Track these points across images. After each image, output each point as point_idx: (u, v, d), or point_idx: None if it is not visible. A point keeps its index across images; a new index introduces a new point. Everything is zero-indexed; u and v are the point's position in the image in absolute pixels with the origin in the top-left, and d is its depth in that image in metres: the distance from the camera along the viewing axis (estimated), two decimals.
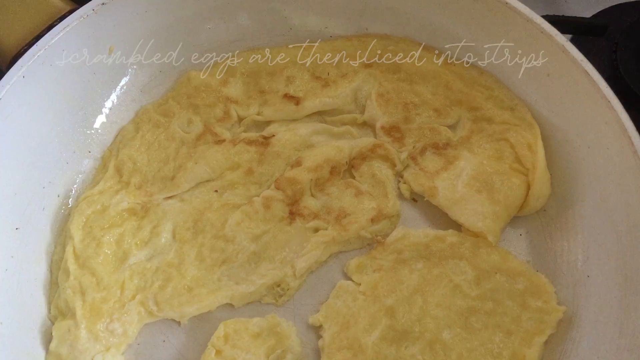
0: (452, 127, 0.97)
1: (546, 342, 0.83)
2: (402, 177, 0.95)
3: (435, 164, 0.93)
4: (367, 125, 0.99)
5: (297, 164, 0.94)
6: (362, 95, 1.00)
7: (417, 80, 0.99)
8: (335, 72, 1.01)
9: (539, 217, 0.93)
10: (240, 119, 1.00)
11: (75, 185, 0.97)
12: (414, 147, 0.96)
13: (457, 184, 0.91)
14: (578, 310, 0.84)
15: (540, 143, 0.90)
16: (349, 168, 0.96)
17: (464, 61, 0.99)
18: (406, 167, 0.95)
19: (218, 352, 0.82)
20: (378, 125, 0.97)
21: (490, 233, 0.87)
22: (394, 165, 0.95)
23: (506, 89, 0.96)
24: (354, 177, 0.95)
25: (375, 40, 1.02)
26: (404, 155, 0.96)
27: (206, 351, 0.83)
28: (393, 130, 0.97)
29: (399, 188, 0.95)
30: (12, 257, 0.85)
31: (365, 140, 0.97)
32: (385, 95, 0.98)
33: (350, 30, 1.03)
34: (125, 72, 1.01)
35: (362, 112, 0.99)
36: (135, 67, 1.01)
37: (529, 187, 0.90)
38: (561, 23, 0.92)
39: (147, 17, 0.97)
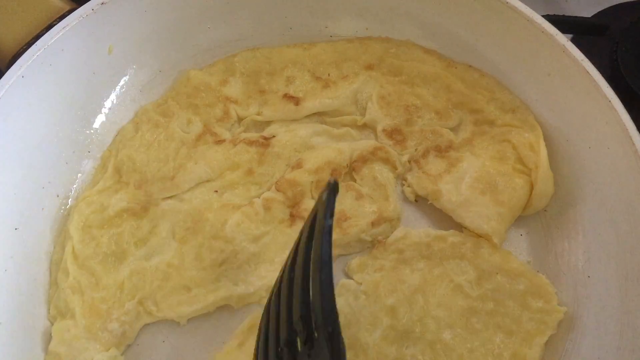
0: (454, 129, 0.97)
1: (547, 343, 0.83)
2: (405, 180, 0.95)
3: (438, 167, 0.93)
4: (367, 127, 0.99)
5: (298, 165, 0.94)
6: (362, 97, 1.00)
7: (419, 83, 0.99)
8: (335, 73, 1.01)
9: (539, 217, 0.93)
10: (240, 119, 1.00)
11: (74, 185, 0.96)
12: (416, 149, 0.96)
13: (460, 186, 0.91)
14: (579, 310, 0.84)
15: (542, 143, 0.90)
16: (349, 171, 0.96)
17: (464, 63, 0.99)
18: (409, 170, 0.95)
19: (240, 344, 0.82)
20: (379, 128, 0.97)
21: (495, 235, 0.87)
22: (395, 168, 0.95)
23: (507, 91, 0.96)
24: (354, 180, 0.95)
25: (377, 42, 1.02)
26: (405, 158, 0.95)
27: (230, 341, 0.83)
28: (395, 133, 0.97)
29: (403, 192, 0.95)
30: (11, 257, 0.85)
31: (366, 143, 0.96)
32: (387, 97, 0.98)
33: (350, 30, 1.03)
34: (125, 72, 1.01)
35: (363, 114, 0.99)
36: (134, 67, 1.01)
37: (532, 187, 0.90)
38: (562, 23, 0.92)
39: (147, 17, 0.97)
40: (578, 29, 1.05)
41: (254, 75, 1.02)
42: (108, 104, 1.01)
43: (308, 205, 0.92)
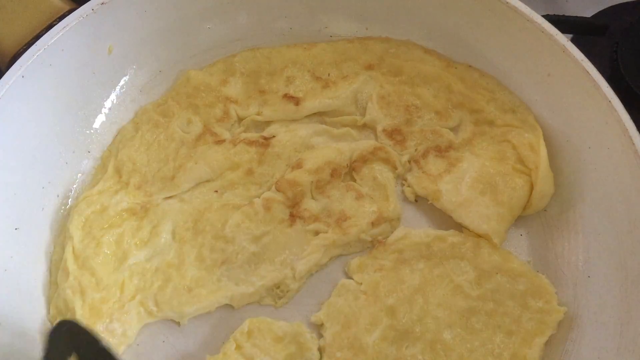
0: (454, 129, 0.97)
1: (547, 343, 0.83)
2: (405, 180, 0.95)
3: (438, 167, 0.93)
4: (367, 127, 0.99)
5: (298, 165, 0.94)
6: (362, 97, 1.00)
7: (419, 83, 0.99)
8: (335, 73, 1.01)
9: (539, 217, 0.93)
10: (240, 119, 1.00)
11: (74, 185, 0.96)
12: (416, 150, 0.96)
13: (460, 186, 0.90)
14: (579, 310, 0.84)
15: (542, 143, 0.90)
16: (349, 171, 0.96)
17: (465, 63, 0.99)
18: (409, 170, 0.95)
19: (238, 347, 0.82)
20: (379, 128, 0.97)
21: (495, 235, 0.87)
22: (395, 168, 0.95)
23: (508, 91, 0.96)
24: (354, 180, 0.95)
25: (377, 42, 1.02)
26: (405, 158, 0.95)
27: (227, 343, 0.83)
28: (395, 133, 0.96)
29: (403, 192, 0.95)
30: (11, 257, 0.85)
31: (366, 143, 0.96)
32: (387, 97, 0.98)
33: (350, 30, 1.03)
34: (125, 72, 1.01)
35: (363, 114, 0.99)
36: (134, 67, 1.01)
37: (532, 187, 0.90)
38: (562, 23, 0.92)
39: (146, 17, 0.97)
40: (578, 29, 1.05)
41: (254, 75, 1.02)
42: (108, 104, 1.01)
43: (308, 205, 0.92)
